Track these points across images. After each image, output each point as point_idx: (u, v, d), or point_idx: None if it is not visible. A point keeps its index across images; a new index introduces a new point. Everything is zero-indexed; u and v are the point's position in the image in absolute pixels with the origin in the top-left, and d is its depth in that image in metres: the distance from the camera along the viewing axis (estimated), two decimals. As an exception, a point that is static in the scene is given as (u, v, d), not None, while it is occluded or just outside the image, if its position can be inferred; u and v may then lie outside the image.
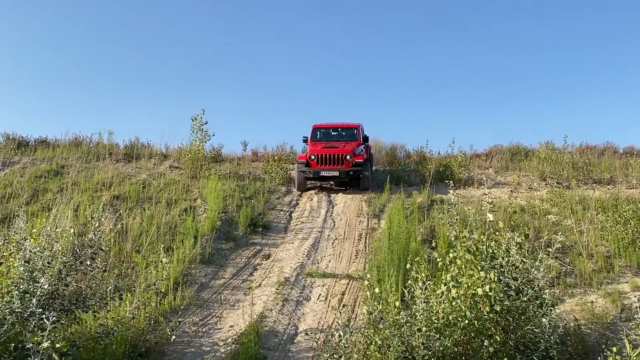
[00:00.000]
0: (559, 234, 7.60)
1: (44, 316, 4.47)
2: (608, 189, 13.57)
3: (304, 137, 15.49)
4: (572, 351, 5.60)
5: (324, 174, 13.75)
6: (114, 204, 10.44)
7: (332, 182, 14.59)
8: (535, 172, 15.07)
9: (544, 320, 5.11)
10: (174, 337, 5.95)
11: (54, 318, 4.39)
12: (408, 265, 5.31)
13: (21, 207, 9.52)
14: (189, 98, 38.78)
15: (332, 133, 15.50)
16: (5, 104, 33.99)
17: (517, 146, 18.91)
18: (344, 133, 15.41)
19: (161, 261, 7.16)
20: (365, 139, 15.39)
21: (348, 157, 13.77)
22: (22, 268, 4.63)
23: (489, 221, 5.71)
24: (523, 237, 5.51)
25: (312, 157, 13.87)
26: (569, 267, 8.40)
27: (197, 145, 13.73)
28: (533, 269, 5.44)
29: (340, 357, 4.68)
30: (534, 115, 37.16)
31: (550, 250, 5.70)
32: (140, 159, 15.12)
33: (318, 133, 15.55)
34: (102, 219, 5.41)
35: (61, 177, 12.40)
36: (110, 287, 6.10)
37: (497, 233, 5.60)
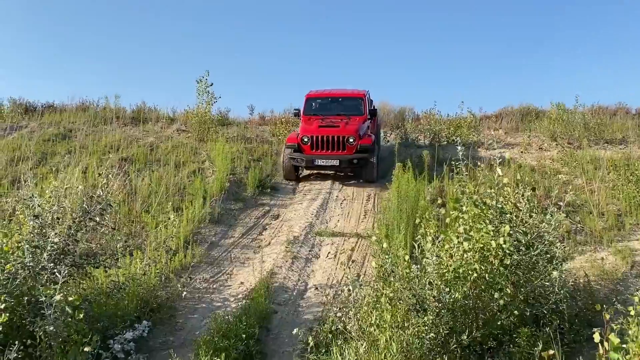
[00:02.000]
0: (569, 191, 7.54)
1: (55, 270, 4.51)
2: (620, 149, 13.41)
3: (295, 109, 12.74)
4: (582, 305, 5.58)
5: (320, 162, 10.79)
6: (122, 166, 10.44)
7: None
8: (546, 133, 14.88)
9: (554, 273, 5.09)
10: (185, 293, 6.01)
11: (66, 272, 4.43)
12: (417, 220, 5.28)
13: (30, 169, 9.56)
14: (195, 63, 38.41)
15: (331, 104, 12.45)
16: (12, 69, 33.84)
17: (527, 107, 18.64)
18: (345, 104, 12.38)
19: (169, 218, 7.18)
20: (373, 112, 12.57)
21: (351, 140, 10.76)
22: (31, 222, 4.65)
23: (498, 176, 5.66)
24: (531, 191, 5.46)
25: (305, 140, 10.88)
26: (579, 225, 8.36)
27: (203, 108, 13.63)
28: (543, 223, 5.40)
29: (350, 310, 4.70)
30: (545, 76, 36.53)
31: (561, 204, 5.64)
32: (147, 123, 15.07)
33: (313, 104, 12.47)
34: (110, 175, 5.39)
35: (69, 141, 12.40)
36: (120, 245, 6.14)
37: (505, 188, 5.55)
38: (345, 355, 3.92)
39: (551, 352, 2.79)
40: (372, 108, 12.77)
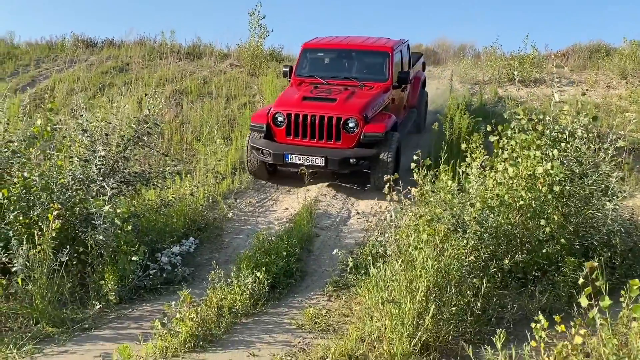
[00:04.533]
0: (632, 125, 7.01)
1: (104, 183, 4.70)
2: (698, 87, 12.42)
3: (284, 66, 8.49)
4: (637, 240, 5.31)
5: (294, 159, 6.85)
6: (176, 97, 10.64)
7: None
8: (616, 70, 13.94)
9: (608, 204, 4.85)
10: (231, 214, 6.15)
11: (114, 184, 4.61)
12: (463, 146, 5.12)
13: (88, 99, 9.88)
14: None
15: (339, 62, 8.37)
16: (74, 6, 34.54)
17: (597, 44, 17.41)
18: (362, 63, 8.29)
19: (215, 142, 7.31)
20: (404, 78, 7.93)
21: (351, 125, 6.80)
22: (80, 137, 4.82)
23: (555, 103, 5.36)
24: (590, 119, 5.14)
25: (279, 120, 7.01)
26: (643, 163, 7.90)
27: (256, 41, 13.53)
28: (600, 153, 5.12)
29: (391, 235, 4.67)
30: (620, 11, 33.78)
31: (622, 133, 5.31)
32: (201, 58, 15.18)
33: (311, 60, 8.37)
34: (156, 95, 5.48)
35: (126, 74, 12.68)
36: (170, 168, 6.31)
37: (562, 116, 5.27)
38: (380, 271, 3.92)
39: (595, 263, 2.65)
40: (401, 74, 8.04)
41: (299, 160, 6.83)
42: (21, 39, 16.60)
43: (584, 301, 2.61)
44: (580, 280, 2.68)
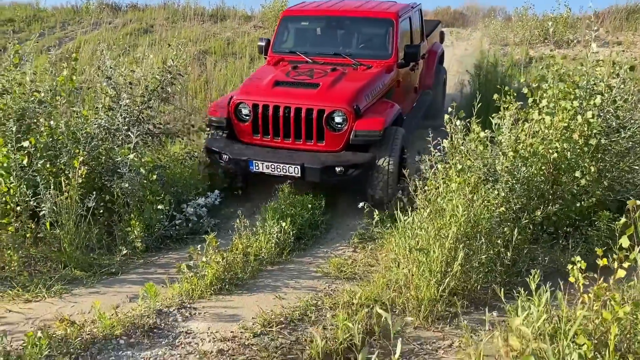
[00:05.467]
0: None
1: (130, 132, 4.68)
2: None
3: (260, 39, 6.83)
4: (676, 197, 5.10)
5: (262, 167, 5.21)
6: (200, 57, 10.57)
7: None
8: (655, 31, 13.40)
9: (645, 156, 4.67)
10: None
11: (138, 133, 4.59)
12: (495, 96, 4.94)
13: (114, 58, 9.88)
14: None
15: (328, 34, 6.62)
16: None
17: (635, 5, 16.70)
18: (358, 34, 6.48)
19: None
20: (412, 53, 6.12)
21: (337, 121, 5.16)
22: (104, 84, 4.79)
23: (592, 53, 5.14)
24: (628, 70, 4.91)
25: (244, 113, 5.40)
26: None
27: (280, 1, 13.35)
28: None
29: (418, 187, 4.57)
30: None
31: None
32: (225, 20, 15.06)
33: (292, 32, 6.73)
34: (180, 47, 5.42)
35: (150, 35, 12.65)
36: (193, 122, 6.28)
37: (598, 68, 5.04)
38: (408, 219, 3.84)
39: (638, 202, 2.53)
40: (415, 44, 6.68)
41: (268, 168, 5.17)
42: (47, 3, 16.70)
43: (625, 241, 2.50)
44: (622, 220, 2.56)
